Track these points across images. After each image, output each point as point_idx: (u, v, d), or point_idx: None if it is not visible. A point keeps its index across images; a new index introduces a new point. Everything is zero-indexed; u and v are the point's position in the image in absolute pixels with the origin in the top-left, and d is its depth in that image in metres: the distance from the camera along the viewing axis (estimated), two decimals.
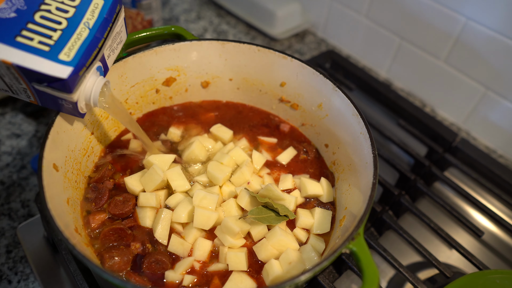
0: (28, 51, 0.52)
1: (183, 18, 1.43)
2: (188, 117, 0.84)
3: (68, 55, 0.54)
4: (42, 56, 0.53)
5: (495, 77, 1.03)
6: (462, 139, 0.99)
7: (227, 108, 0.87)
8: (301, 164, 0.78)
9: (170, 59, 0.79)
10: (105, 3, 0.59)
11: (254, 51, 0.79)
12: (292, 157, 0.78)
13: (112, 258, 0.60)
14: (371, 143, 0.63)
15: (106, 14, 0.58)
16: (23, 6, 0.54)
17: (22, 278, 0.76)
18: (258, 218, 0.63)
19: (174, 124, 0.82)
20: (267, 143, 0.81)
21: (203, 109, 0.86)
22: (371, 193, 0.57)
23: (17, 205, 0.87)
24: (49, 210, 0.51)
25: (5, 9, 0.53)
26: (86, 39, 0.56)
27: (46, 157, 0.58)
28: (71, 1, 0.57)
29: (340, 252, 0.51)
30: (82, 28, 0.56)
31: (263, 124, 0.85)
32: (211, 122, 0.84)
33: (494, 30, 0.98)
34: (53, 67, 0.52)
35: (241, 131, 0.83)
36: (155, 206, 0.66)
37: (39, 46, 0.53)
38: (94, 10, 0.58)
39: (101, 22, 0.58)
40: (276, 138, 0.82)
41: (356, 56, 1.35)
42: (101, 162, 0.73)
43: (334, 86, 0.73)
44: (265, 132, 0.84)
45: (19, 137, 1.00)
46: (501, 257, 0.86)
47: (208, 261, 0.63)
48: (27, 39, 0.52)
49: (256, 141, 0.81)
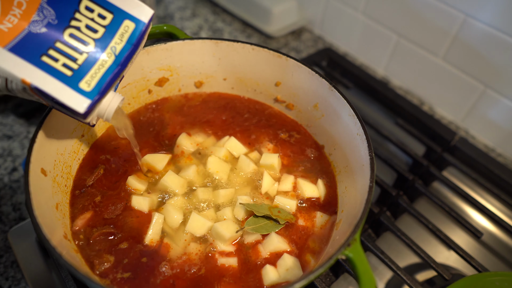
0: (50, 73, 0.50)
1: (178, 15, 1.42)
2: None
3: (89, 85, 0.52)
4: (63, 81, 0.51)
5: (494, 75, 1.01)
6: (461, 138, 0.97)
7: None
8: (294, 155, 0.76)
9: (162, 59, 0.77)
10: (136, 27, 0.54)
11: (249, 50, 0.77)
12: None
13: (102, 264, 0.58)
14: (367, 144, 0.62)
15: (135, 41, 0.54)
16: (54, 20, 0.51)
17: (13, 284, 0.75)
18: (255, 228, 0.62)
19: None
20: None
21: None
22: (367, 196, 0.56)
23: (8, 208, 0.85)
24: (36, 217, 0.50)
25: (37, 22, 0.50)
26: (109, 68, 0.53)
27: (33, 161, 0.56)
28: (102, 19, 0.53)
29: (336, 258, 0.50)
30: (108, 53, 0.53)
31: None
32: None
33: (493, 27, 0.96)
34: (71, 97, 0.51)
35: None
36: (147, 211, 0.65)
37: (63, 69, 0.51)
38: (123, 34, 0.54)
39: (128, 50, 0.54)
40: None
41: (353, 53, 1.33)
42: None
43: (330, 86, 0.71)
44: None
45: (10, 139, 0.98)
46: (501, 258, 0.85)
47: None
48: (53, 59, 0.51)
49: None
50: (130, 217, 0.65)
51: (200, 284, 0.59)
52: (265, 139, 0.78)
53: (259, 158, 0.74)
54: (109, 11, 0.53)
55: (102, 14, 0.53)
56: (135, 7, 0.54)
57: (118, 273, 0.59)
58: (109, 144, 0.75)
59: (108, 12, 0.53)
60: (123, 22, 0.54)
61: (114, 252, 0.60)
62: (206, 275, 0.60)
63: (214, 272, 0.61)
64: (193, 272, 0.60)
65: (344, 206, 0.66)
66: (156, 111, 0.81)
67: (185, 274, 0.60)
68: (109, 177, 0.70)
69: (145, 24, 0.54)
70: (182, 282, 0.59)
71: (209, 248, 0.63)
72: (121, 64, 0.54)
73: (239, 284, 0.59)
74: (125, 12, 0.54)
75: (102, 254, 0.60)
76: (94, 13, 0.53)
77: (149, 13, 0.55)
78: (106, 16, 0.53)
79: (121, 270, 0.59)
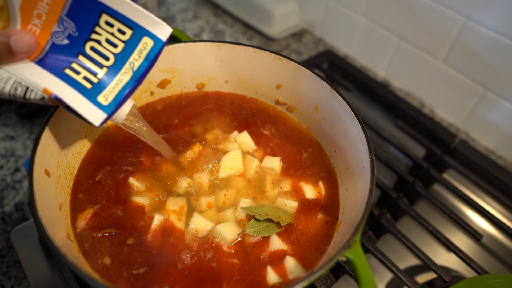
0: (71, 85, 0.52)
1: (180, 17, 1.42)
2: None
3: (107, 99, 0.53)
4: (82, 93, 0.52)
5: (495, 78, 1.02)
6: (461, 141, 0.98)
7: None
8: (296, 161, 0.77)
9: (165, 61, 0.78)
10: (155, 45, 0.55)
11: (250, 53, 0.78)
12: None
13: (103, 263, 0.59)
14: (368, 147, 0.62)
15: (153, 59, 0.55)
16: (75, 32, 0.52)
17: (15, 283, 0.75)
18: (256, 231, 0.63)
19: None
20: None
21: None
22: (368, 199, 0.56)
23: (11, 208, 0.86)
24: (40, 218, 0.50)
25: (59, 33, 0.52)
26: (127, 84, 0.55)
27: (37, 162, 0.56)
28: (122, 35, 0.54)
29: (336, 260, 0.50)
30: (126, 68, 0.54)
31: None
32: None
33: (493, 30, 0.97)
34: (89, 110, 0.52)
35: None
36: (147, 210, 0.65)
37: (83, 82, 0.52)
38: (142, 51, 0.55)
39: (145, 67, 0.55)
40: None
41: (354, 55, 1.34)
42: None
43: (331, 89, 0.72)
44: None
45: (13, 139, 0.98)
46: (501, 261, 0.86)
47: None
48: (75, 72, 0.52)
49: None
50: (131, 216, 0.65)
51: (200, 283, 0.60)
52: (267, 139, 0.79)
53: (262, 157, 0.75)
54: (128, 27, 0.54)
55: (122, 29, 0.54)
56: (155, 25, 0.54)
57: (122, 273, 0.59)
58: (111, 144, 0.75)
59: (127, 28, 0.54)
60: (142, 39, 0.54)
61: (116, 251, 0.61)
62: (207, 276, 0.61)
63: (214, 274, 0.61)
64: (197, 267, 0.60)
65: (345, 208, 0.66)
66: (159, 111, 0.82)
67: (184, 275, 0.61)
68: (111, 177, 0.70)
69: (163, 43, 0.55)
70: (183, 281, 0.60)
71: (209, 247, 0.63)
72: (137, 80, 0.55)
73: (240, 285, 0.60)
74: (144, 29, 0.54)
75: (104, 253, 0.60)
76: (114, 28, 0.53)
77: (167, 32, 0.55)
78: (125, 31, 0.54)
79: (125, 267, 0.59)
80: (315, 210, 0.70)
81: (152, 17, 0.54)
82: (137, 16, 0.53)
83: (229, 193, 0.69)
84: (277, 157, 0.74)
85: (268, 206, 0.67)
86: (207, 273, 0.61)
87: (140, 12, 0.53)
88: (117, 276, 0.58)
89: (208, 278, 0.60)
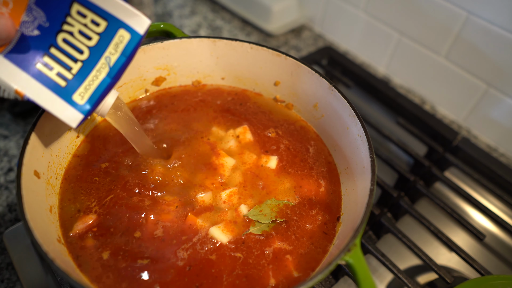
0: (44, 83, 0.49)
1: (177, 13, 1.40)
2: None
3: (82, 97, 0.51)
4: (57, 93, 0.50)
5: (497, 74, 1.00)
6: (463, 138, 0.96)
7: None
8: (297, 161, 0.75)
9: (159, 58, 0.76)
10: (132, 39, 0.52)
11: (247, 49, 0.76)
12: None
13: (93, 266, 0.57)
14: (368, 146, 0.60)
15: (130, 53, 0.52)
16: (45, 22, 0.49)
17: (8, 286, 0.74)
18: (257, 229, 0.62)
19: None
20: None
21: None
22: (368, 200, 0.54)
23: (3, 209, 0.84)
24: (28, 221, 0.49)
25: (28, 23, 0.49)
26: (103, 81, 0.52)
27: (26, 163, 0.55)
28: (96, 26, 0.51)
29: (336, 264, 0.48)
30: (102, 63, 0.52)
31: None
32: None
33: (496, 25, 0.95)
34: (64, 111, 0.50)
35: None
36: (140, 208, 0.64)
37: (57, 79, 0.50)
38: (118, 44, 0.52)
39: (122, 63, 0.52)
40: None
41: (354, 52, 1.32)
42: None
43: (330, 86, 0.70)
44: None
45: (6, 138, 0.97)
46: (504, 261, 0.84)
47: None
48: (47, 68, 0.50)
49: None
50: (128, 217, 0.63)
51: (201, 282, 0.58)
52: (266, 137, 0.77)
53: (260, 153, 0.73)
54: (102, 18, 0.51)
55: (96, 20, 0.51)
56: (131, 16, 0.51)
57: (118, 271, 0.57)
58: (105, 141, 0.73)
59: (101, 19, 0.51)
60: (118, 31, 0.51)
61: (111, 252, 0.59)
62: (207, 273, 0.59)
63: (214, 270, 0.59)
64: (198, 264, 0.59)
65: (345, 209, 0.65)
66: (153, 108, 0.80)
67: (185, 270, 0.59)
68: (106, 176, 0.69)
69: (141, 36, 0.52)
70: (181, 278, 0.58)
71: (209, 246, 0.62)
72: (114, 77, 0.53)
73: (240, 280, 0.58)
74: (119, 21, 0.51)
75: (97, 256, 0.59)
76: (87, 18, 0.50)
77: (145, 24, 0.52)
78: (99, 23, 0.51)
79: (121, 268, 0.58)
80: (315, 209, 0.68)
81: (127, 8, 0.51)
82: (111, 6, 0.50)
83: (229, 192, 0.67)
84: (274, 156, 0.72)
85: (268, 205, 0.66)
86: (207, 267, 0.59)
87: (114, 2, 0.50)
88: (110, 280, 0.57)
89: (209, 273, 0.58)
